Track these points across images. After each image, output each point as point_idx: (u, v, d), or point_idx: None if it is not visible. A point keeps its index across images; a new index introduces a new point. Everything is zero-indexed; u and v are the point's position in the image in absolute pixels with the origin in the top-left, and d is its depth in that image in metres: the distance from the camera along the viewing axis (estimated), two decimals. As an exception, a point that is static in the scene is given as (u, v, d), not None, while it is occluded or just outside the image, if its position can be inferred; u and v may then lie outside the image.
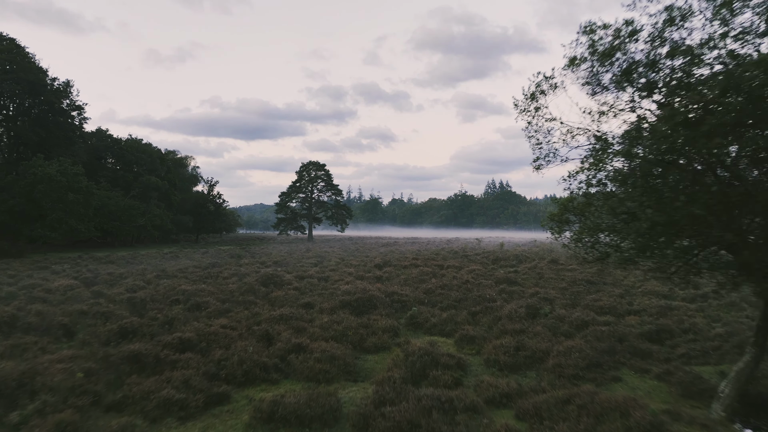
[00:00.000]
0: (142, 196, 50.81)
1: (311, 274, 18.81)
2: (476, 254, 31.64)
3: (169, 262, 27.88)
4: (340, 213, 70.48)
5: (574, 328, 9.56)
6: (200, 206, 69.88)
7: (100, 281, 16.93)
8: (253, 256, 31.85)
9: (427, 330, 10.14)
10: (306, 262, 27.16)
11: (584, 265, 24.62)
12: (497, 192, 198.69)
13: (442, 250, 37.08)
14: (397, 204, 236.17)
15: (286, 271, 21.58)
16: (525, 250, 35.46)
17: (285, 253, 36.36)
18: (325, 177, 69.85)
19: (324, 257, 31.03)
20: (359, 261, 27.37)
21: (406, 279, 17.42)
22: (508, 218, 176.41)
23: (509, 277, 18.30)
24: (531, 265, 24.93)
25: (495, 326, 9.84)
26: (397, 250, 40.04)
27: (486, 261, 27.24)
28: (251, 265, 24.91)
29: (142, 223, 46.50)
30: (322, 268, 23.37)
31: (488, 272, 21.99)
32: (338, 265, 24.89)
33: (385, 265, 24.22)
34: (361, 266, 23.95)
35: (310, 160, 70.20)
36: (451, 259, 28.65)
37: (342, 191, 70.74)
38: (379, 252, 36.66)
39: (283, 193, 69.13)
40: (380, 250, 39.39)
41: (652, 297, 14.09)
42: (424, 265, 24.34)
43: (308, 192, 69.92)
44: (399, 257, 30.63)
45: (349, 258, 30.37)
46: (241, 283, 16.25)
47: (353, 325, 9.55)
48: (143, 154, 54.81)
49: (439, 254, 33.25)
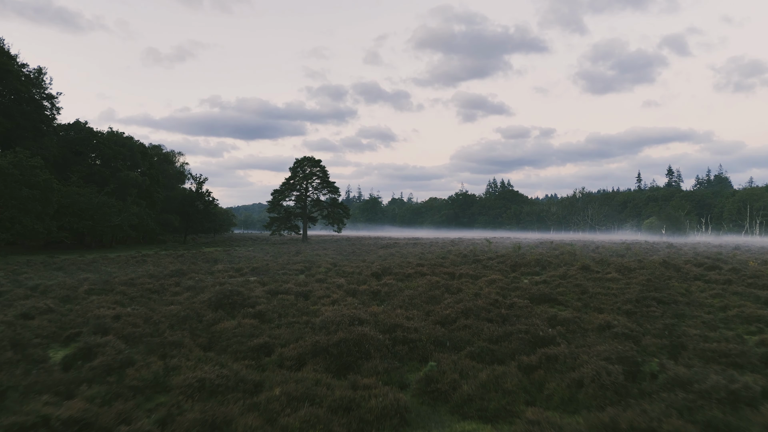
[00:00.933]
0: (119, 193, 46.53)
1: (289, 288, 14.55)
2: (489, 258, 27.39)
3: (129, 268, 23.61)
4: (337, 212, 65.97)
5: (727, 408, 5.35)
6: (188, 205, 65.70)
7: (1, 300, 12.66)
8: (232, 261, 27.59)
9: (457, 407, 5.87)
10: (291, 269, 22.90)
11: (625, 272, 20.33)
12: (499, 191, 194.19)
13: (449, 253, 32.84)
14: (397, 203, 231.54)
15: (261, 282, 17.32)
16: (543, 253, 31.21)
17: (271, 257, 32.08)
18: (321, 174, 65.32)
19: (314, 262, 26.77)
20: (354, 267, 23.13)
21: (411, 297, 13.16)
22: (511, 218, 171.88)
23: (544, 293, 14.05)
24: (559, 272, 20.68)
25: (580, 403, 5.64)
26: (398, 252, 35.80)
27: (504, 267, 22.98)
28: (223, 273, 20.64)
29: (118, 222, 42.21)
30: (307, 278, 19.11)
31: (511, 283, 17.75)
32: (328, 274, 20.63)
33: (384, 273, 19.97)
34: (356, 275, 19.71)
35: (305, 156, 65.72)
36: (463, 265, 24.39)
37: (339, 189, 66.33)
38: (378, 255, 32.41)
39: (276, 190, 64.58)
40: (379, 253, 35.16)
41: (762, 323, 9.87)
42: (432, 273, 20.08)
43: (303, 190, 65.43)
44: (400, 262, 26.38)
45: (342, 263, 26.13)
46: (188, 303, 11.99)
47: (328, 401, 5.35)
48: (122, 147, 50.49)
49: (446, 258, 29.00)
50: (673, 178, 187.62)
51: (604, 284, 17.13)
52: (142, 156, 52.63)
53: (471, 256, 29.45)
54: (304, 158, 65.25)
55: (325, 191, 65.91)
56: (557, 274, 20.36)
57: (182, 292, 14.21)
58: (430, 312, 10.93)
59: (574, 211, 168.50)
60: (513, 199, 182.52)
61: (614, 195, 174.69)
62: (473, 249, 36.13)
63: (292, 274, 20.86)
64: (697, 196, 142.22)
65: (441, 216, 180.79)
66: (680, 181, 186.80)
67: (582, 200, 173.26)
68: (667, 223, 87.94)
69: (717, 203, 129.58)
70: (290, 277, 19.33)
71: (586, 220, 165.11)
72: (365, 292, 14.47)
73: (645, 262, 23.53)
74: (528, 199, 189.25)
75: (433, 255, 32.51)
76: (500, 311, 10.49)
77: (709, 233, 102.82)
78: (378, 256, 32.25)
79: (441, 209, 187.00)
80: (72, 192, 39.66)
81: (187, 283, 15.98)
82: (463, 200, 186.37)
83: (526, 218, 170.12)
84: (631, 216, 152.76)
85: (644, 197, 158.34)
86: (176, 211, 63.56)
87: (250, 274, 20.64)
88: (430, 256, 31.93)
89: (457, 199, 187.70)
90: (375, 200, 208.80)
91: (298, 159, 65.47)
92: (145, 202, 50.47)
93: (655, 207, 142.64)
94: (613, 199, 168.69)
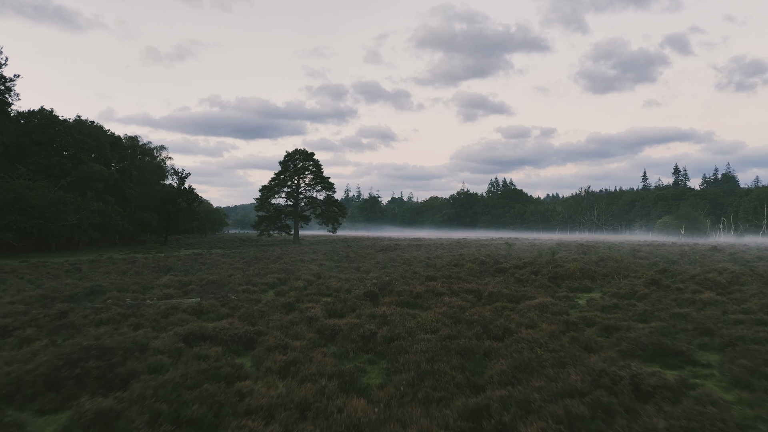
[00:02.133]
0: (80, 187, 40.73)
1: (225, 329, 8.78)
2: (516, 267, 21.60)
3: (46, 281, 17.86)
4: (332, 211, 59.88)
5: None
6: (169, 202, 59.91)
7: None
8: (189, 270, 21.80)
9: None
10: (259, 282, 17.16)
11: (721, 290, 14.41)
12: (501, 190, 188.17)
13: (462, 258, 27.10)
14: (397, 203, 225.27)
15: (199, 308, 11.59)
16: (577, 258, 25.47)
17: (244, 263, 26.29)
18: (315, 168, 59.20)
19: (293, 272, 21.03)
20: (343, 281, 17.40)
21: (428, 351, 7.41)
22: (515, 217, 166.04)
23: (655, 341, 8.31)
24: (624, 289, 14.96)
25: None
26: (399, 257, 30.05)
27: (542, 281, 17.21)
28: (159, 289, 14.88)
29: (75, 221, 36.43)
30: (274, 298, 13.38)
31: (569, 308, 12.06)
32: (304, 292, 14.91)
33: (383, 291, 14.25)
34: (342, 294, 14.00)
35: (297, 148, 59.52)
36: (486, 277, 18.62)
37: (334, 185, 60.08)
38: (376, 262, 26.66)
39: (265, 186, 58.48)
40: (377, 258, 29.41)
41: None
42: (450, 291, 14.35)
43: (294, 186, 59.37)
44: (404, 271, 20.66)
45: (330, 273, 20.39)
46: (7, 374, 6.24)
47: None
48: (88, 137, 44.66)
49: (460, 265, 23.24)
50: (679, 177, 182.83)
51: (709, 311, 11.41)
52: (112, 147, 46.75)
53: (491, 263, 23.69)
54: (295, 151, 58.91)
55: (319, 188, 59.89)
56: (624, 292, 14.63)
57: (34, 338, 8.43)
58: (474, 412, 5.15)
59: (580, 211, 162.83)
60: (516, 198, 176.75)
61: (621, 194, 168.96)
62: (490, 253, 30.30)
63: (254, 292, 15.12)
64: (708, 195, 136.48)
65: (442, 216, 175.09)
66: (687, 179, 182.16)
67: (588, 199, 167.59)
68: (686, 222, 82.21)
69: (731, 202, 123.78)
70: (249, 297, 13.60)
71: (593, 219, 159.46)
72: (351, 334, 8.73)
73: (740, 275, 17.73)
74: (532, 199, 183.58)
75: (443, 260, 26.76)
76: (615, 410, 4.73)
77: (732, 233, 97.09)
78: (376, 262, 26.51)
79: (442, 209, 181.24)
80: (19, 186, 33.89)
81: (73, 317, 10.23)
82: (464, 199, 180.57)
83: (530, 218, 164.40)
84: (639, 215, 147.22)
85: (653, 196, 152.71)
86: (156, 210, 57.83)
87: (197, 292, 14.89)
88: (438, 261, 26.19)
89: (459, 198, 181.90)
90: (374, 199, 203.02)
91: (289, 152, 58.97)
92: (114, 199, 44.67)
93: (665, 206, 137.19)
94: (619, 199, 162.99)
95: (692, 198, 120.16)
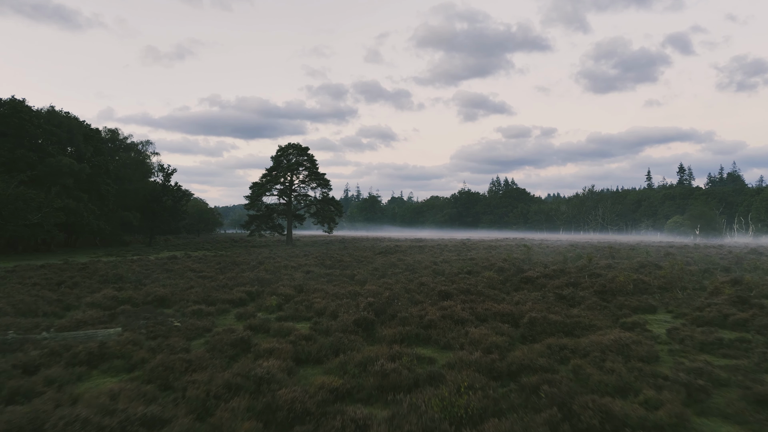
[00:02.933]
0: (45, 183, 36.74)
1: (99, 403, 4.77)
2: (545, 276, 17.59)
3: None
4: (327, 209, 55.71)
5: None
6: (154, 201, 55.90)
7: None
8: (140, 282, 17.74)
9: None
10: (221, 299, 13.17)
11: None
12: (503, 190, 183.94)
13: (475, 264, 23.12)
14: (397, 202, 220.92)
15: (104, 349, 7.60)
16: (611, 264, 21.51)
17: (219, 269, 22.27)
18: (309, 164, 54.97)
19: (271, 282, 17.04)
20: (331, 296, 13.40)
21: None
22: (518, 217, 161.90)
23: None
24: (713, 313, 10.99)
25: None
26: (401, 261, 26.06)
27: (591, 297, 13.19)
28: (81, 310, 10.90)
29: (36, 220, 32.42)
30: (213, 343, 9.37)
31: (653, 345, 8.12)
32: (277, 314, 10.92)
33: (382, 316, 10.27)
34: (326, 319, 10.03)
35: (290, 142, 55.22)
36: (514, 292, 14.62)
37: (330, 182, 55.57)
38: (374, 268, 22.64)
39: (256, 183, 54.24)
40: (376, 263, 25.42)
41: None
42: (474, 315, 10.38)
43: (287, 183, 55.16)
44: (408, 281, 16.69)
45: (316, 285, 16.40)
46: None
47: None
48: (58, 128, 40.62)
49: (475, 273, 19.24)
50: (684, 177, 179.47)
51: None
52: (86, 140, 42.68)
53: (512, 270, 19.68)
54: (289, 145, 54.62)
55: (315, 185, 55.75)
56: (710, 316, 10.66)
57: None
58: None
59: (585, 211, 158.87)
60: (519, 197, 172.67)
61: (626, 193, 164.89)
62: (506, 257, 26.23)
63: (208, 315, 11.13)
64: (718, 194, 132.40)
65: (444, 215, 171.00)
66: (692, 179, 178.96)
67: (592, 199, 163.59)
68: (701, 222, 78.21)
69: (740, 201, 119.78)
70: (197, 324, 9.64)
71: (597, 219, 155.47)
72: (320, 428, 4.77)
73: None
74: (535, 198, 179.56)
75: (452, 266, 22.77)
76: None
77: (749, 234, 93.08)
78: (374, 268, 22.50)
79: (443, 208, 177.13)
80: (-30, 180, 29.91)
81: None
82: (466, 199, 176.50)
83: (533, 218, 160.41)
84: (645, 215, 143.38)
85: (659, 195, 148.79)
86: (139, 209, 53.84)
87: (129, 315, 10.89)
88: (447, 268, 22.19)
89: (460, 197, 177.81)
90: (374, 199, 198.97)
91: (282, 146, 54.89)
92: (87, 196, 40.66)
93: (672, 206, 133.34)
94: (624, 198, 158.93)
95: (703, 197, 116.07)
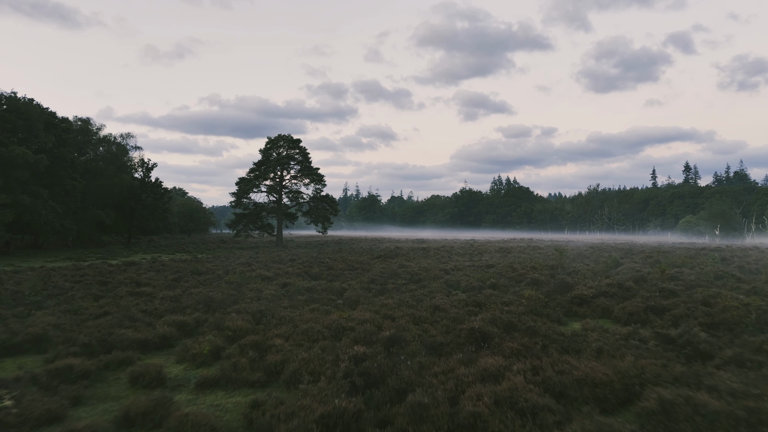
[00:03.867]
0: None
1: None
2: (605, 294, 12.80)
3: None
4: (321, 207, 50.78)
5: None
6: (132, 198, 51.09)
7: None
8: (37, 307, 12.93)
9: None
10: (127, 339, 8.39)
11: None
12: (505, 189, 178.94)
13: (497, 273, 18.40)
14: (397, 201, 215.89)
15: None
16: (673, 275, 16.79)
17: (171, 281, 17.44)
18: (301, 157, 50.01)
19: (225, 306, 12.25)
20: (300, 335, 8.63)
21: None
22: (521, 217, 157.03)
23: None
24: None
25: None
26: (404, 269, 21.24)
27: (715, 341, 8.43)
28: None
29: (-25, 219, 27.64)
30: None
31: None
32: (205, 374, 6.07)
33: (378, 388, 5.49)
34: (281, 388, 5.20)
35: (280, 134, 50.17)
36: (571, 323, 9.85)
37: (323, 176, 50.42)
38: (371, 277, 17.81)
39: (242, 179, 49.21)
40: (374, 270, 20.60)
41: None
42: (545, 389, 5.66)
43: (277, 179, 50.16)
44: (416, 300, 11.92)
45: (289, 306, 11.59)
46: None
47: None
48: (12, 114, 35.78)
49: (504, 288, 14.50)
50: (690, 176, 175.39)
51: None
52: (47, 128, 37.85)
53: (554, 285, 14.87)
54: (279, 137, 49.40)
55: (307, 181, 50.87)
56: None
57: None
58: None
59: (590, 210, 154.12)
60: (522, 196, 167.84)
61: (632, 192, 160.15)
62: (537, 264, 21.29)
63: (82, 377, 6.37)
64: (729, 193, 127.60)
65: (445, 214, 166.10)
66: (697, 177, 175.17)
67: (598, 197, 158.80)
68: (721, 222, 73.51)
69: (754, 200, 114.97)
70: (46, 407, 4.95)
71: (603, 219, 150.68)
72: None
73: None
74: (538, 197, 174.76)
75: (468, 276, 17.99)
76: None
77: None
78: (370, 279, 17.70)
79: (444, 207, 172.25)
80: None
81: None
82: (468, 198, 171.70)
83: (538, 217, 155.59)
84: (653, 215, 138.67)
85: (667, 194, 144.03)
86: (116, 206, 49.04)
87: None
88: (462, 278, 17.41)
89: (462, 196, 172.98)
90: (373, 198, 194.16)
91: (271, 138, 50.11)
92: (48, 192, 35.86)
93: (682, 205, 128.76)
94: (631, 197, 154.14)
95: (716, 195, 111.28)
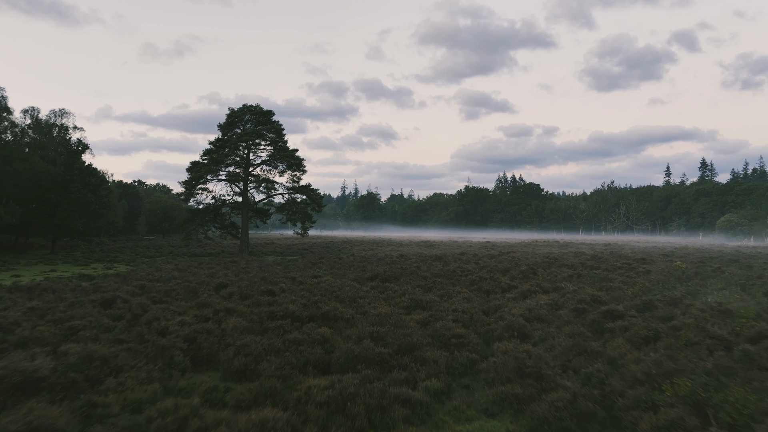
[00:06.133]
0: None
1: None
2: None
3: None
4: (300, 203, 38.57)
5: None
6: (57, 189, 39.58)
7: None
8: None
9: None
10: None
11: None
12: (511, 187, 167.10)
13: (579, 303, 7.21)
14: (397, 200, 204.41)
15: None
16: None
17: None
18: (275, 135, 37.90)
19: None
20: None
21: None
22: (532, 216, 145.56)
23: None
24: None
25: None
26: (413, 299, 9.82)
27: None
28: None
29: None
30: None
31: None
32: None
33: None
34: None
35: (245, 104, 38.02)
36: None
37: (303, 160, 37.84)
38: (349, 350, 6.45)
39: (195, 164, 36.91)
40: (364, 321, 9.22)
41: None
42: None
43: (242, 163, 37.95)
44: None
45: None
46: None
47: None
48: None
49: None
50: (705, 172, 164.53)
51: None
52: None
53: None
54: (244, 107, 36.48)
55: (282, 167, 39.46)
56: None
57: None
58: None
59: (606, 208, 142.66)
60: (532, 194, 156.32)
61: (650, 190, 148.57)
62: (640, 290, 9.85)
63: None
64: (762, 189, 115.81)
65: (449, 213, 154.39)
66: (714, 174, 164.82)
67: (615, 195, 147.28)
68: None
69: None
70: None
71: (621, 218, 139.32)
72: None
73: None
74: (549, 195, 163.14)
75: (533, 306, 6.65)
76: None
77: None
78: (349, 357, 6.37)
79: (448, 206, 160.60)
80: None
81: None
82: (473, 196, 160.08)
83: (549, 216, 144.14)
84: (676, 213, 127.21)
85: (691, 191, 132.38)
86: (28, 199, 37.59)
87: None
88: (518, 313, 6.09)
89: (467, 194, 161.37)
90: (372, 196, 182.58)
91: (234, 110, 37.45)
92: None
93: (709, 203, 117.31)
94: (650, 195, 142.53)
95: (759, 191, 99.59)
